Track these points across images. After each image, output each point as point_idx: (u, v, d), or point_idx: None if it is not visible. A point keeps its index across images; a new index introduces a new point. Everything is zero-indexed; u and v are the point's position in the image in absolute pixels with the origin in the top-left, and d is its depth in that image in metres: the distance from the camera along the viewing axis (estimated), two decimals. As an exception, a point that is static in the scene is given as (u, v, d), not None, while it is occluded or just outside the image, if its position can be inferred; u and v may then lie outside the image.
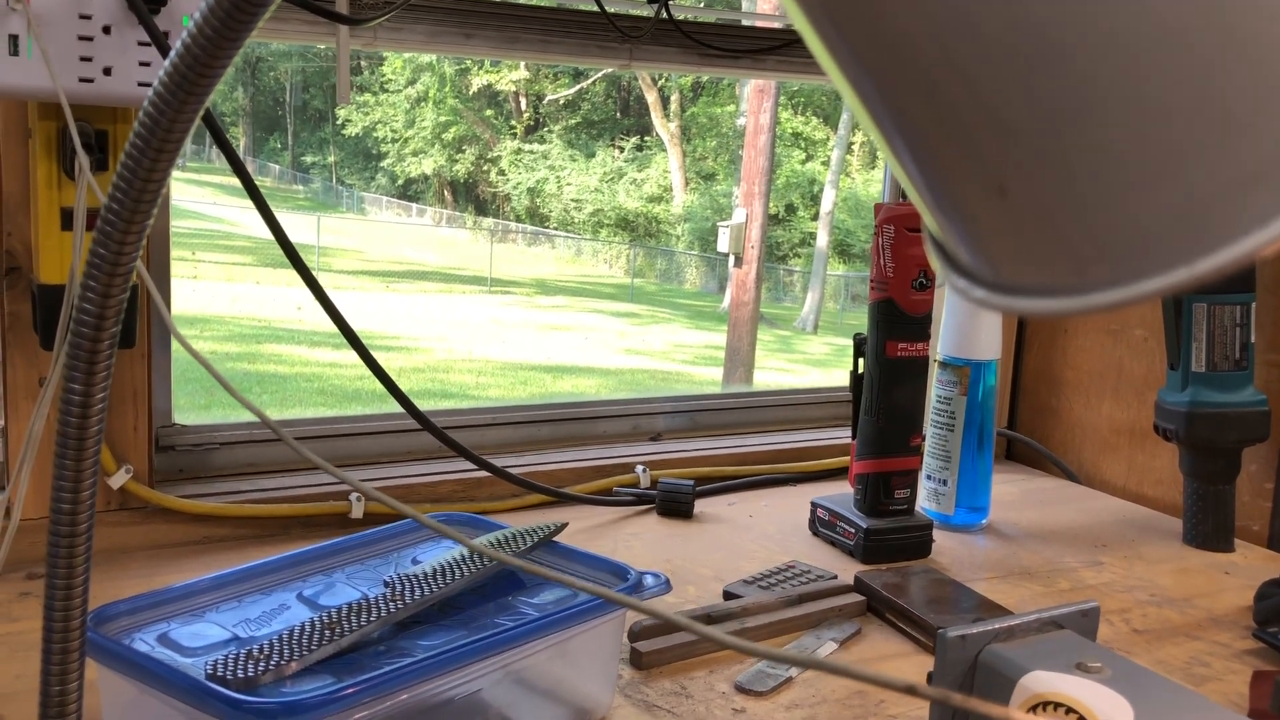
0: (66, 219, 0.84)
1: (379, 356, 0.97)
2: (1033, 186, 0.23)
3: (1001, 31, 0.22)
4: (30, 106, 0.84)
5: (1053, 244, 0.24)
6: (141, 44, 0.80)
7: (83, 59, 0.79)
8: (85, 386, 0.43)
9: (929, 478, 1.13)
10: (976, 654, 0.61)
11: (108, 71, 0.79)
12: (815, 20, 0.25)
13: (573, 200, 18.63)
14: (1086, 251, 0.23)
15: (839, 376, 1.12)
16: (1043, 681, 0.57)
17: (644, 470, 1.17)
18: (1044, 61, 0.22)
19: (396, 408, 0.99)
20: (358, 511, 1.01)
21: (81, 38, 0.78)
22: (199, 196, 17.96)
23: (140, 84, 0.80)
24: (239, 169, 0.89)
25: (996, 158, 0.23)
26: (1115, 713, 0.54)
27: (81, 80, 0.79)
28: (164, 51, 0.79)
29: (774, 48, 1.23)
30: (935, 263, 0.28)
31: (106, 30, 0.79)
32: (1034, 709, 0.57)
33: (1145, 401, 1.26)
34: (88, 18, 0.78)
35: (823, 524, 1.06)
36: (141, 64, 0.80)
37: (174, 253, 1.04)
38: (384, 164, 20.87)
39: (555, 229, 18.98)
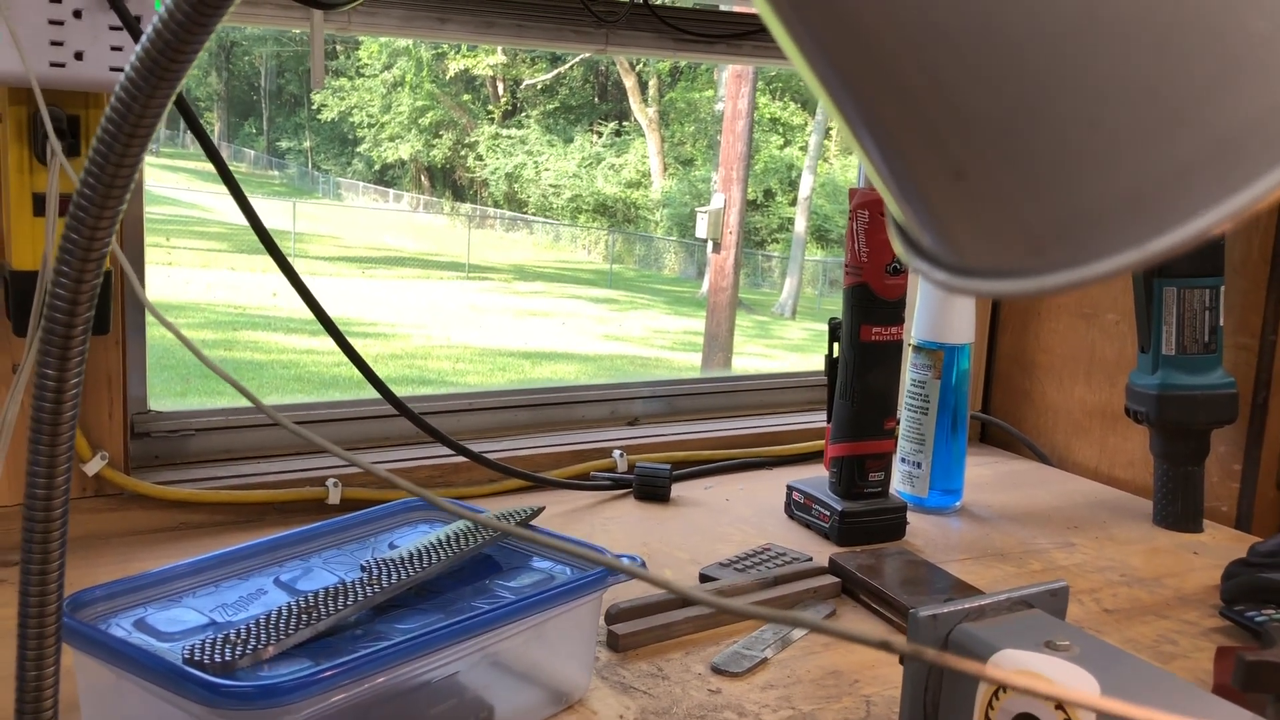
0: (39, 205, 0.84)
1: (356, 343, 0.97)
2: (990, 170, 0.24)
3: (959, 22, 0.22)
4: (0, 91, 0.83)
5: (1010, 227, 0.24)
6: (113, 28, 0.79)
7: (53, 43, 0.78)
8: (59, 372, 0.43)
9: (903, 460, 1.14)
10: (947, 633, 0.62)
11: (79, 56, 0.79)
12: (778, 8, 0.26)
13: (551, 186, 18.58)
14: (1042, 233, 0.24)
15: (817, 361, 1.13)
16: (1012, 660, 0.58)
17: (621, 455, 1.17)
18: (999, 50, 0.22)
19: (373, 393, 0.99)
20: (334, 497, 1.01)
21: (52, 21, 0.78)
22: (174, 182, 17.81)
23: (112, 69, 0.79)
24: (213, 154, 0.88)
25: (955, 142, 0.24)
26: (1083, 689, 0.55)
27: (53, 65, 0.78)
28: (136, 36, 0.79)
29: (749, 32, 1.23)
30: (898, 246, 0.29)
31: (77, 14, 0.78)
32: (1002, 688, 0.58)
33: (1117, 385, 1.28)
34: (58, 1, 0.77)
35: (798, 507, 1.07)
36: (113, 48, 0.80)
37: (149, 239, 1.03)
38: (360, 149, 20.74)
39: (533, 214, 18.92)
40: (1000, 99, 0.22)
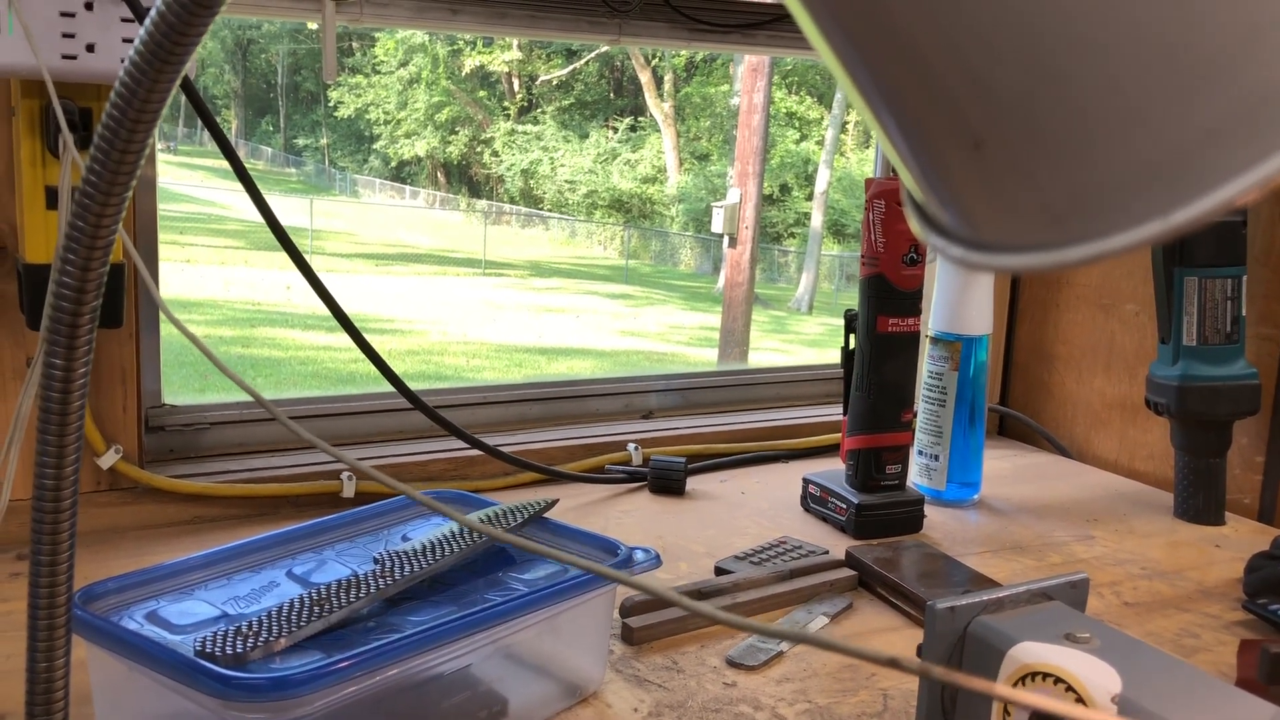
0: (51, 198, 0.84)
1: (372, 340, 0.96)
2: (1008, 140, 0.23)
3: None
4: (13, 84, 0.83)
5: (1029, 199, 0.23)
6: (124, 20, 0.79)
7: (65, 35, 0.78)
8: (66, 362, 0.43)
9: (920, 453, 1.13)
10: (965, 626, 0.61)
11: (91, 48, 0.79)
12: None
13: (566, 181, 18.57)
14: (1062, 205, 0.23)
15: (834, 356, 1.12)
16: (1031, 652, 0.57)
17: (636, 448, 1.17)
18: (1018, 14, 0.21)
19: (389, 387, 0.98)
20: (349, 490, 1.01)
21: (64, 14, 0.78)
22: (192, 180, 17.89)
23: (124, 60, 0.79)
24: (224, 146, 0.88)
25: (973, 111, 0.23)
26: (1104, 682, 0.54)
27: (64, 57, 0.78)
28: (147, 28, 0.78)
29: (764, 22, 1.23)
30: (914, 223, 0.28)
31: (89, 6, 0.78)
32: (1022, 680, 0.57)
33: (1137, 376, 1.26)
34: (69, -6, 0.77)
35: (814, 500, 1.07)
36: (125, 40, 0.80)
37: (165, 236, 1.03)
38: (377, 146, 20.79)
39: (549, 210, 18.93)
40: (1018, 64, 0.22)
